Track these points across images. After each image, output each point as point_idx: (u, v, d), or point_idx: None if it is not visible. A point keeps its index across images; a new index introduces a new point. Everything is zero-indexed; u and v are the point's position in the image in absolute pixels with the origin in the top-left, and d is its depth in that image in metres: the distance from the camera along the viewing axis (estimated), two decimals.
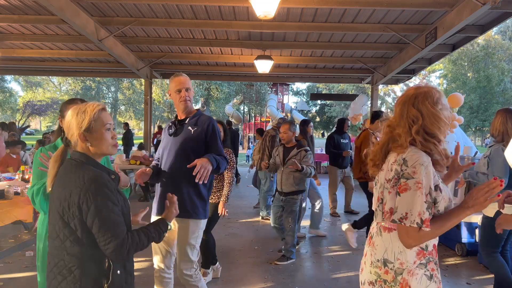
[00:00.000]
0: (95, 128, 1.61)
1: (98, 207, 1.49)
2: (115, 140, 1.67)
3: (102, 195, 1.51)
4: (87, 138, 1.61)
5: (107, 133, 1.64)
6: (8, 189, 3.76)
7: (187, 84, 2.71)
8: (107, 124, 1.64)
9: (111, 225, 1.51)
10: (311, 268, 4.41)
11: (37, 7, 6.27)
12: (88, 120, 1.60)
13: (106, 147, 1.64)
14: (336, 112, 37.57)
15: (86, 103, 1.67)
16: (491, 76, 26.07)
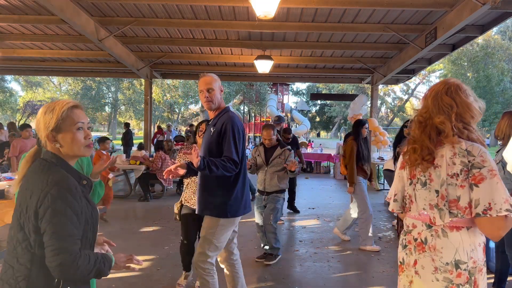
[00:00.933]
0: (64, 128, 1.47)
1: (55, 212, 1.34)
2: (88, 141, 1.52)
3: (63, 200, 1.35)
4: (56, 138, 1.48)
5: (78, 133, 1.49)
6: (8, 189, 3.76)
7: (209, 85, 2.73)
8: (79, 123, 1.50)
9: (64, 236, 1.34)
10: (311, 268, 4.41)
11: (37, 7, 6.27)
12: (56, 119, 1.47)
13: (77, 148, 1.49)
14: (336, 112, 37.60)
15: (57, 101, 1.53)
16: (491, 76, 26.08)
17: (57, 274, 1.35)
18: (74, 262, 1.34)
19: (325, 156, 13.82)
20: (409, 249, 1.73)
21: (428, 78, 37.46)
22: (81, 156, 1.56)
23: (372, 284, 3.97)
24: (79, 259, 1.36)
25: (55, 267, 1.33)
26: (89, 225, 1.47)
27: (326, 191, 9.70)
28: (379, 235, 5.73)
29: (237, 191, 2.76)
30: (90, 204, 1.51)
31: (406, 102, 40.70)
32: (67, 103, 1.50)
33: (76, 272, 1.35)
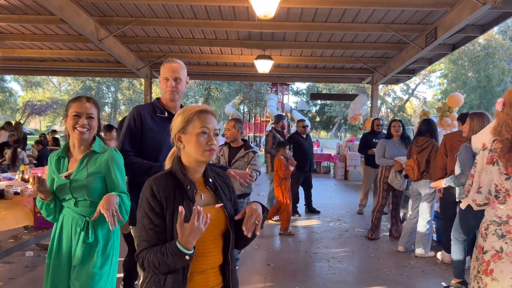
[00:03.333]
0: (189, 130, 1.51)
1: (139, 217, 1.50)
2: (209, 146, 1.51)
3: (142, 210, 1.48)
4: (180, 139, 1.53)
5: (201, 137, 1.50)
6: (8, 189, 3.75)
7: (177, 73, 2.41)
8: (203, 127, 1.50)
9: (140, 234, 1.48)
10: (311, 268, 4.41)
11: (37, 7, 6.27)
12: (183, 120, 1.52)
13: (197, 151, 1.50)
14: (336, 112, 37.59)
15: (190, 105, 1.59)
16: (492, 76, 26.06)
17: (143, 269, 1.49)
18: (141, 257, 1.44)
19: (325, 156, 13.82)
20: (510, 238, 2.02)
21: (428, 78, 37.46)
22: (202, 161, 1.54)
23: (372, 284, 3.97)
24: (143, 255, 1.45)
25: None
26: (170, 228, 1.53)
27: (326, 191, 9.70)
28: (379, 235, 5.73)
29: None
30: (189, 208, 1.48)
31: (406, 102, 40.69)
32: (198, 107, 1.54)
33: (141, 266, 1.46)
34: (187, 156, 1.54)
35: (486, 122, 3.54)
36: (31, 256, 4.45)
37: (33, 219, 3.68)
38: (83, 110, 2.07)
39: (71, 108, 2.08)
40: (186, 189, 1.50)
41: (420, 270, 4.32)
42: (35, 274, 3.93)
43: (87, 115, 2.07)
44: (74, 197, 2.06)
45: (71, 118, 2.06)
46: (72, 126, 2.06)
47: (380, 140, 5.73)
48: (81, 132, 2.05)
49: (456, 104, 7.59)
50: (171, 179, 1.51)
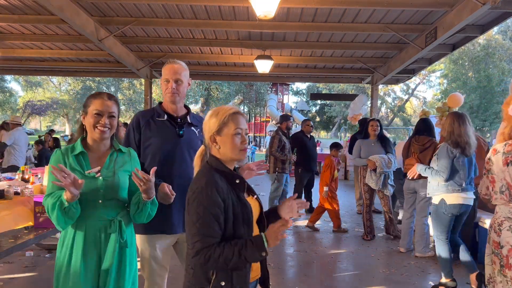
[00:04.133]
0: (224, 131, 1.61)
1: (198, 213, 1.52)
2: (244, 145, 1.64)
3: (205, 206, 1.51)
4: (216, 140, 1.63)
5: (236, 137, 1.61)
6: (8, 189, 3.75)
7: (178, 75, 2.35)
8: (238, 128, 1.62)
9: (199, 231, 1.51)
10: (311, 268, 4.41)
11: (37, 7, 6.27)
12: (218, 122, 1.62)
13: (233, 151, 1.62)
14: (336, 112, 37.59)
15: (222, 106, 1.66)
16: (492, 76, 26.05)
17: (195, 261, 1.52)
18: (205, 253, 1.48)
19: (325, 156, 13.82)
20: None
21: (428, 78, 37.46)
22: (236, 160, 1.66)
23: (372, 284, 3.97)
24: (211, 250, 1.48)
25: (193, 256, 1.51)
26: (240, 222, 1.58)
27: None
28: (379, 235, 5.73)
29: None
30: (241, 201, 1.60)
31: (406, 102, 40.68)
32: (230, 109, 1.64)
33: (207, 262, 1.49)
34: (222, 155, 1.64)
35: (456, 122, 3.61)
36: (31, 256, 4.45)
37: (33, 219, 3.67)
38: (105, 109, 1.94)
39: (92, 105, 1.95)
40: (236, 183, 1.62)
41: (420, 270, 4.32)
42: (35, 274, 3.94)
43: (109, 113, 1.95)
44: (104, 195, 1.94)
45: (92, 117, 1.93)
46: (92, 125, 1.94)
47: (357, 141, 5.76)
48: (102, 132, 1.94)
49: (456, 104, 7.57)
50: (220, 176, 1.60)
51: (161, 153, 2.33)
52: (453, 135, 3.61)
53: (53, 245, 4.81)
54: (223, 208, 1.54)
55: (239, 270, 1.57)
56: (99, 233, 1.94)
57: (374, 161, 5.18)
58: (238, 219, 1.57)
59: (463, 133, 3.58)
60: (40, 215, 3.50)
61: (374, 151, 5.30)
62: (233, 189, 1.60)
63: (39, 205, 3.48)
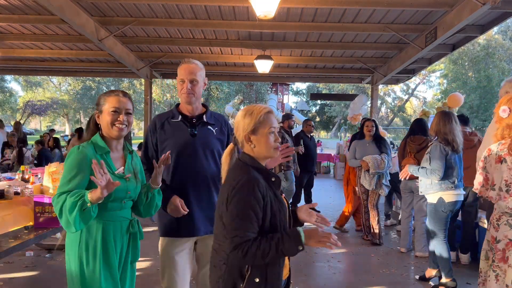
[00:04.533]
0: (259, 130, 1.65)
1: (238, 208, 1.53)
2: (277, 144, 1.68)
3: (246, 201, 1.53)
4: (251, 139, 1.66)
5: (270, 136, 1.66)
6: (8, 189, 3.75)
7: (193, 75, 2.32)
8: (272, 127, 1.67)
9: (238, 226, 1.52)
10: (311, 268, 4.41)
11: (37, 7, 6.27)
12: (254, 122, 1.65)
13: (267, 149, 1.67)
14: (336, 112, 37.58)
15: (254, 105, 1.70)
16: (492, 76, 26.04)
17: (232, 256, 1.53)
18: (243, 248, 1.49)
19: (325, 156, 13.83)
20: None
21: (428, 78, 37.44)
22: (270, 157, 1.72)
23: (372, 284, 3.97)
24: (248, 245, 1.50)
25: (230, 250, 1.52)
26: (277, 219, 1.61)
27: (326, 191, 9.71)
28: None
29: None
30: (278, 199, 1.64)
31: (406, 102, 40.67)
32: (264, 108, 1.68)
33: (244, 256, 1.50)
34: (257, 153, 1.68)
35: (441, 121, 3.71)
36: (31, 256, 4.45)
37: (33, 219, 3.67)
38: (122, 106, 1.93)
39: (108, 103, 1.91)
40: (272, 181, 1.66)
41: (420, 270, 4.32)
42: (35, 274, 3.94)
43: (125, 110, 1.94)
44: (129, 196, 1.96)
45: (109, 114, 1.90)
46: (110, 123, 1.90)
47: (353, 142, 5.72)
48: (120, 129, 1.92)
49: (456, 104, 7.57)
50: (257, 174, 1.63)
51: (175, 154, 2.30)
52: (440, 133, 3.70)
53: (53, 245, 4.81)
54: (262, 205, 1.56)
55: (274, 266, 1.59)
56: (120, 233, 1.96)
57: (367, 162, 5.15)
58: (275, 216, 1.60)
59: (448, 131, 3.67)
60: (40, 215, 3.50)
61: (369, 152, 5.25)
62: (270, 187, 1.63)
63: (39, 205, 3.48)
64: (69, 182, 1.80)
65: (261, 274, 1.57)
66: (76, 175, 1.79)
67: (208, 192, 2.34)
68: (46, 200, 3.58)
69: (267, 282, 1.57)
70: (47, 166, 4.15)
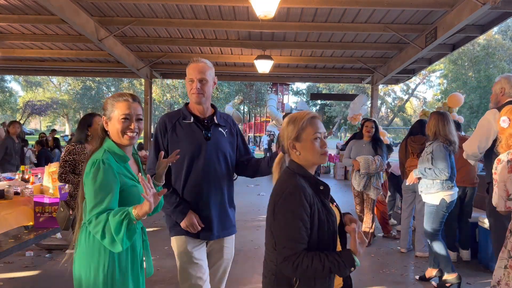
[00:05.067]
0: (303, 137, 1.61)
1: (286, 218, 1.50)
2: (324, 149, 1.64)
3: (294, 211, 1.50)
4: (295, 146, 1.63)
5: (316, 142, 1.61)
6: (8, 189, 3.75)
7: (203, 74, 2.25)
8: (316, 133, 1.62)
9: (288, 237, 1.49)
10: None
11: (37, 7, 6.27)
12: (297, 129, 1.62)
13: (313, 155, 1.62)
14: (336, 112, 37.60)
15: (299, 112, 1.66)
16: (492, 76, 26.03)
17: (282, 268, 1.51)
18: (294, 261, 1.46)
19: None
20: None
21: (428, 78, 37.46)
22: (317, 164, 1.66)
23: (372, 284, 3.97)
24: (299, 258, 1.46)
25: (280, 263, 1.50)
26: (325, 229, 1.56)
27: None
28: (379, 235, 5.73)
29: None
30: (326, 208, 1.59)
31: (406, 102, 40.69)
32: (307, 114, 1.64)
33: (295, 270, 1.46)
34: (303, 161, 1.63)
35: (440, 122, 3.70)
36: (31, 256, 4.45)
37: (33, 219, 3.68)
38: (133, 112, 1.77)
39: (118, 110, 1.76)
40: (320, 190, 1.61)
41: (420, 270, 4.32)
42: (35, 274, 3.93)
43: (136, 116, 1.78)
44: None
45: (119, 122, 1.75)
46: (121, 131, 1.75)
47: (350, 141, 5.66)
48: (131, 137, 1.78)
49: (456, 104, 7.58)
50: (305, 181, 1.59)
51: (189, 157, 2.24)
52: (440, 134, 3.70)
53: (53, 245, 4.81)
54: (310, 214, 1.52)
55: (324, 278, 1.57)
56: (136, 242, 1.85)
57: (358, 162, 5.12)
58: (323, 226, 1.55)
59: (448, 131, 3.68)
60: (40, 215, 3.50)
61: (363, 152, 5.15)
62: (317, 195, 1.59)
63: (39, 205, 3.49)
64: (104, 200, 1.65)
65: (310, 286, 1.54)
66: (109, 192, 1.66)
67: (221, 196, 2.32)
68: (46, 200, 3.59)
69: None
70: (47, 166, 4.16)
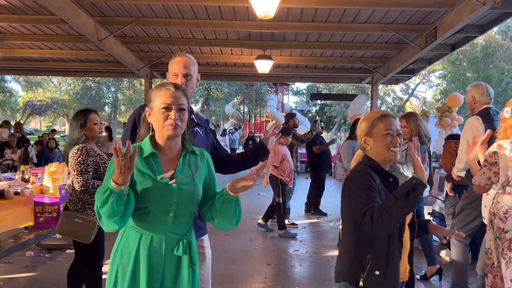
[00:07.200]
0: (374, 133, 1.77)
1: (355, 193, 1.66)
2: (393, 145, 1.74)
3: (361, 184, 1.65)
4: (367, 142, 1.79)
5: (385, 138, 1.74)
6: (8, 189, 3.75)
7: (188, 69, 2.10)
8: (387, 129, 1.74)
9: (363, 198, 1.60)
10: (311, 268, 4.41)
11: (37, 7, 6.27)
12: (368, 126, 1.79)
13: (383, 150, 1.75)
14: (336, 112, 37.58)
15: (372, 111, 1.88)
16: (491, 77, 26.04)
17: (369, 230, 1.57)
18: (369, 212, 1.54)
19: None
20: None
21: (428, 78, 37.44)
22: (389, 158, 1.77)
23: None
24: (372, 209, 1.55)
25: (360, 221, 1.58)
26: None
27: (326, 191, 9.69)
28: None
29: None
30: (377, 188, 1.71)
31: (406, 102, 40.67)
32: (378, 112, 1.81)
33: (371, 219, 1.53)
34: (375, 156, 1.78)
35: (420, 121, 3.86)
36: (31, 256, 4.45)
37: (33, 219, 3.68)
38: (174, 101, 1.62)
39: (158, 99, 1.63)
40: (389, 182, 1.76)
41: (420, 270, 4.32)
42: (35, 274, 3.94)
43: (178, 106, 1.62)
44: (178, 207, 1.61)
45: (160, 112, 1.61)
46: (161, 121, 1.61)
47: (345, 142, 5.52)
48: (174, 127, 1.60)
49: (455, 104, 7.58)
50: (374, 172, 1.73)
51: None
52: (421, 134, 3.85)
53: (53, 245, 4.81)
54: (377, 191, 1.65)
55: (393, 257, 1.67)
56: (164, 253, 1.61)
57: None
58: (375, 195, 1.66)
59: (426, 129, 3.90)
60: (40, 215, 3.50)
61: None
62: (386, 187, 1.73)
63: (39, 205, 3.49)
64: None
65: (381, 267, 1.65)
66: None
67: None
68: (46, 200, 3.59)
69: (386, 276, 1.64)
70: (47, 166, 4.16)
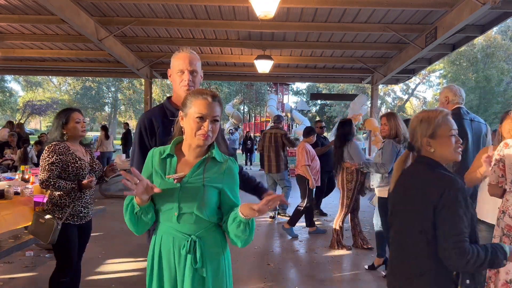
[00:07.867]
0: (439, 134, 1.68)
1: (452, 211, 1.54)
2: (458, 145, 1.69)
3: (458, 200, 1.55)
4: (430, 143, 1.69)
5: (451, 139, 1.68)
6: (8, 189, 3.75)
7: (194, 66, 2.05)
8: (452, 130, 1.68)
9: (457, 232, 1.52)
10: (311, 268, 4.41)
11: (37, 7, 6.27)
12: (433, 127, 1.69)
13: (450, 152, 1.69)
14: (336, 112, 37.58)
15: (428, 110, 1.73)
16: (491, 76, 26.04)
17: (452, 265, 1.54)
18: (464, 255, 1.50)
19: None
20: None
21: (428, 78, 37.44)
22: (452, 160, 1.72)
23: (373, 284, 3.97)
24: (468, 253, 1.50)
25: (448, 261, 1.53)
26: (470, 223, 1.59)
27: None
28: None
29: None
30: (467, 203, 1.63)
31: (406, 102, 40.67)
32: (441, 112, 1.71)
33: (466, 264, 1.51)
34: (438, 157, 1.70)
35: (399, 121, 4.06)
36: (31, 256, 4.45)
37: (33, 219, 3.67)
38: (209, 112, 1.62)
39: (194, 107, 1.62)
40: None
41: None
42: (35, 274, 3.93)
43: (212, 118, 1.62)
44: (180, 207, 1.63)
45: (194, 120, 1.61)
46: (194, 130, 1.62)
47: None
48: (205, 138, 1.62)
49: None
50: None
51: None
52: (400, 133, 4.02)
53: None
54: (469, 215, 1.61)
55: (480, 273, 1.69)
56: (174, 255, 1.66)
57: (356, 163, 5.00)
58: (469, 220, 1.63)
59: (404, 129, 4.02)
60: None
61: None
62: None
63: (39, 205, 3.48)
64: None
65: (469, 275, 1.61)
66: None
67: None
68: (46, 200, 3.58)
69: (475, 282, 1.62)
70: None
